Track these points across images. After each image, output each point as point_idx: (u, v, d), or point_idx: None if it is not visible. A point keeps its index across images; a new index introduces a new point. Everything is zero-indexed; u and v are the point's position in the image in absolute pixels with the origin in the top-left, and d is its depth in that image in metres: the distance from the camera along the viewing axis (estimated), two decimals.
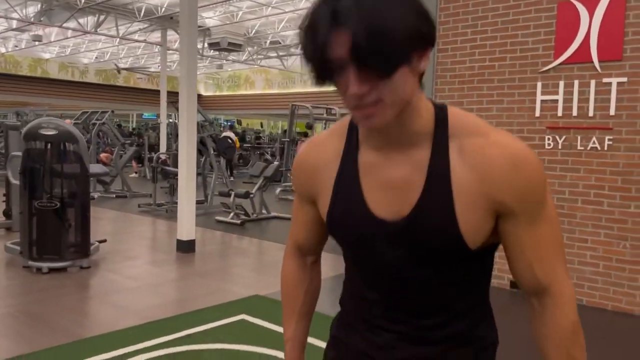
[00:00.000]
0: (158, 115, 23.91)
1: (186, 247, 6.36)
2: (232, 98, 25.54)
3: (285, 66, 21.98)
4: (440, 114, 0.98)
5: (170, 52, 21.45)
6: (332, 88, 0.90)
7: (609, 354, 3.69)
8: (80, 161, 5.41)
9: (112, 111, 11.88)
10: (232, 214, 8.62)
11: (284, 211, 9.70)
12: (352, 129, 1.05)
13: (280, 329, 3.92)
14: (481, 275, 1.07)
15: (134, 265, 5.80)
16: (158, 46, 18.79)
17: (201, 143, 9.74)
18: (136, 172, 16.42)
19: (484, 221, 0.96)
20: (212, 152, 10.07)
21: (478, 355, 1.07)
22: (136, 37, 18.36)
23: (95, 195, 10.62)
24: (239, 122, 19.28)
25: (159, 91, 20.57)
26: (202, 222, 8.19)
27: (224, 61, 22.16)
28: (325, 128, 13.63)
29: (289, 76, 23.41)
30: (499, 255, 1.08)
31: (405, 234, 0.98)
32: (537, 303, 1.03)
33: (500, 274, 5.17)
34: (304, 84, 22.30)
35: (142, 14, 15.97)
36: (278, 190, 12.13)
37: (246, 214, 8.78)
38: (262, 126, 30.83)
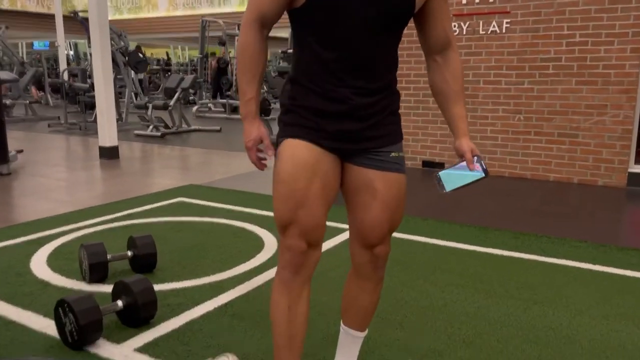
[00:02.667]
0: (52, 44, 22.08)
1: (110, 154, 6.34)
2: (134, 22, 24.06)
3: None
4: None
5: None
6: (241, 9, 1.19)
7: (510, 207, 4.34)
8: None
9: (7, 27, 10.97)
10: (151, 127, 8.54)
11: (204, 125, 9.74)
12: None
13: (219, 205, 4.20)
14: (397, 46, 1.51)
15: (58, 170, 5.75)
16: None
17: None
18: (37, 100, 15.43)
19: None
20: (122, 67, 9.73)
21: (397, 103, 1.57)
22: None
23: (8, 101, 9.91)
24: (139, 49, 18.23)
25: (52, 15, 18.98)
26: (121, 137, 8.05)
27: None
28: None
29: None
30: (412, 139, 1.44)
31: None
32: (441, 58, 1.55)
33: (414, 156, 5.72)
34: (211, 4, 21.48)
35: None
36: (195, 108, 12.04)
37: (166, 127, 8.73)
38: (167, 56, 29.43)
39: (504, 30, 5.12)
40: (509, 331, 2.20)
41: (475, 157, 1.50)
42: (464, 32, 5.30)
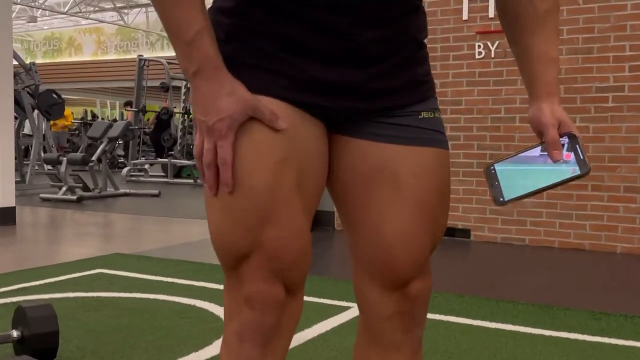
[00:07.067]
0: None
1: (3, 217, 5.79)
2: (51, 67, 23.98)
3: (126, 22, 21.24)
4: None
5: None
6: None
7: (573, 282, 3.96)
8: None
9: None
10: (64, 189, 8.05)
11: (138, 189, 9.35)
12: None
13: (156, 278, 3.72)
14: None
15: None
16: None
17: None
18: None
19: None
20: (30, 111, 9.34)
21: (425, 30, 1.17)
22: None
23: None
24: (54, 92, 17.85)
25: None
26: (21, 202, 7.49)
27: (39, 13, 20.85)
28: (186, 90, 13.32)
29: (130, 36, 22.61)
30: None
31: None
32: None
33: None
34: (152, 47, 21.69)
35: None
36: (125, 170, 11.65)
37: (85, 188, 8.27)
38: (92, 114, 29.35)
39: None
40: None
41: (566, 138, 1.05)
42: (492, 55, 5.12)
